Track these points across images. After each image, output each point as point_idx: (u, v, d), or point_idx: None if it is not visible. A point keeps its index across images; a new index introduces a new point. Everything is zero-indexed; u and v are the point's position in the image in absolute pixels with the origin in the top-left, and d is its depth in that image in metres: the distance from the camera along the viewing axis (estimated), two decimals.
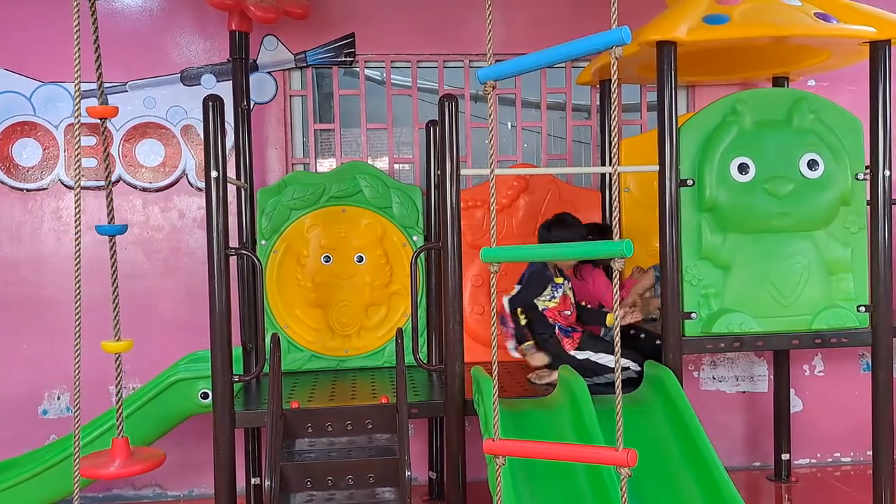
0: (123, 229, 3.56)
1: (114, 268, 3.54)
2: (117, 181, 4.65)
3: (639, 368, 3.70)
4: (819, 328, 3.74)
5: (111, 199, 3.61)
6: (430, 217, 4.46)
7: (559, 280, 3.84)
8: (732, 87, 4.68)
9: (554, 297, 3.79)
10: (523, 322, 3.85)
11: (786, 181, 3.65)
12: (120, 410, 3.55)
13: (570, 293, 3.89)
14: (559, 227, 3.96)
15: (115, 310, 3.55)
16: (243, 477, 4.36)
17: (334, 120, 4.85)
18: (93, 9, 3.40)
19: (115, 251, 3.56)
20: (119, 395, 3.55)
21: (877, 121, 3.69)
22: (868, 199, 3.76)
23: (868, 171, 3.74)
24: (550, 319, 3.81)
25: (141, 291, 4.68)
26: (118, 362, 3.58)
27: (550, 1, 4.84)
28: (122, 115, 4.61)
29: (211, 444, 3.48)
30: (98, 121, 3.51)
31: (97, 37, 3.43)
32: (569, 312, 3.85)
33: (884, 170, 3.69)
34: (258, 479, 4.40)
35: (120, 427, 3.53)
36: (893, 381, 3.80)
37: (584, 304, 4.05)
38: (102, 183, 4.62)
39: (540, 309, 3.81)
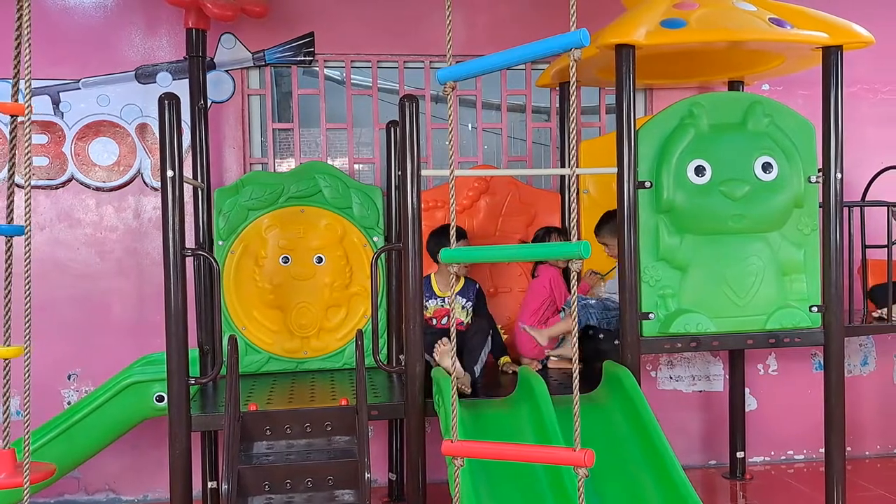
0: (20, 230, 3.21)
1: (8, 270, 3.17)
2: (69, 180, 4.56)
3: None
4: (773, 328, 3.80)
5: (12, 199, 3.24)
6: (390, 218, 4.44)
7: (443, 294, 4.22)
8: (689, 91, 4.74)
9: (426, 308, 4.13)
10: None
11: (741, 183, 3.71)
12: (7, 421, 3.04)
13: (456, 307, 4.21)
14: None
15: (6, 313, 3.05)
16: (200, 481, 4.29)
17: (293, 119, 4.81)
18: (26, 2, 3.26)
19: (10, 253, 3.20)
20: (6, 405, 2.92)
21: (829, 125, 3.77)
22: (820, 201, 3.84)
23: (820, 173, 3.81)
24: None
25: (94, 293, 4.59)
26: (7, 370, 2.96)
27: (511, 3, 4.86)
28: (74, 112, 4.53)
29: (166, 447, 3.42)
30: (51, 118, 3.40)
31: (20, 30, 3.24)
32: (444, 321, 4.23)
33: (835, 173, 3.77)
34: (215, 482, 4.33)
35: (6, 439, 3.32)
36: (845, 380, 3.88)
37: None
38: (54, 182, 4.55)
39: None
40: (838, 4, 4.11)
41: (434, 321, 4.21)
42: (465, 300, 4.25)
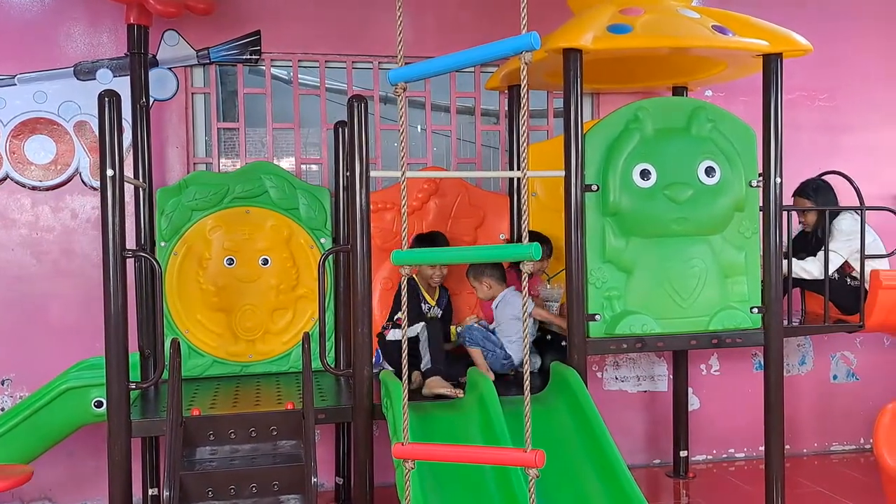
0: None
1: None
2: (3, 179, 4.41)
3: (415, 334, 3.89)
4: (715, 329, 3.87)
5: None
6: (338, 219, 4.40)
7: (431, 302, 4.19)
8: (635, 96, 4.81)
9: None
10: None
11: (685, 187, 3.77)
12: None
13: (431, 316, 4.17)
14: None
15: None
16: (140, 488, 4.19)
17: (239, 119, 4.72)
18: None
19: None
20: None
21: (769, 130, 3.86)
22: (761, 205, 3.93)
23: (761, 178, 3.91)
24: None
25: (29, 295, 4.45)
26: None
27: (459, 5, 4.87)
28: (10, 109, 4.40)
29: (105, 453, 3.32)
30: None
31: None
32: None
33: (775, 177, 3.86)
34: (156, 489, 4.23)
35: None
36: (783, 380, 3.98)
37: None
38: None
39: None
40: (779, 14, 4.23)
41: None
42: (439, 310, 4.25)
